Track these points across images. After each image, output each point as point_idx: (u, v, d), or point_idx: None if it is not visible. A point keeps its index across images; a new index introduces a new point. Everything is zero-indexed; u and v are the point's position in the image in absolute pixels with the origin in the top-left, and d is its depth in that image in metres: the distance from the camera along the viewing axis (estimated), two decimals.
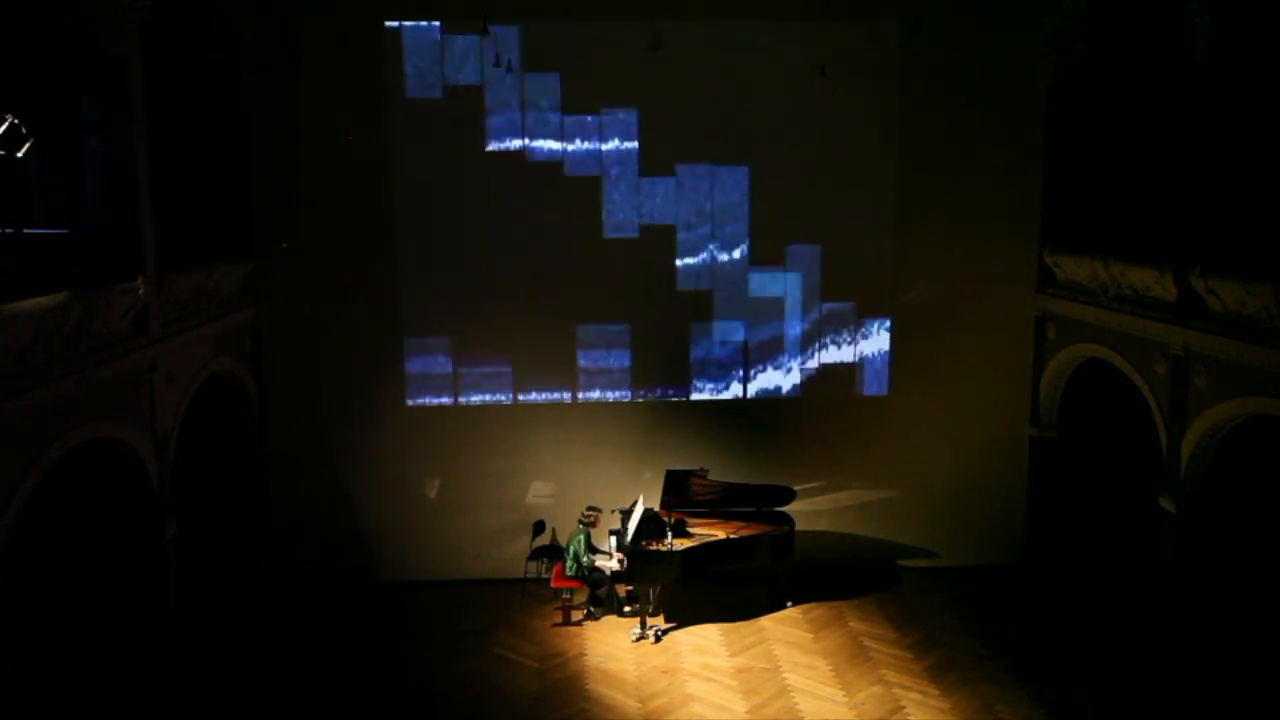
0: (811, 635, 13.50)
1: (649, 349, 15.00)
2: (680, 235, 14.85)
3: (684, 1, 14.37)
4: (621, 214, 14.75)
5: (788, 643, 13.29)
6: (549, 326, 14.83)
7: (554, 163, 14.61)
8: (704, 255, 14.92)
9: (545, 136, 14.57)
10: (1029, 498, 15.20)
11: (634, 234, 14.77)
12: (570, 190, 14.64)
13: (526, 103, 14.46)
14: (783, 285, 15.04)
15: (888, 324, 15.14)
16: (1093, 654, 12.96)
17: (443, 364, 14.85)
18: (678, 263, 14.88)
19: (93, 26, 10.70)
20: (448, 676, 12.42)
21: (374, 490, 14.91)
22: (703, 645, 13.24)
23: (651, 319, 14.95)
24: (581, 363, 14.97)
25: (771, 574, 14.28)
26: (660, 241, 14.82)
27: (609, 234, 14.76)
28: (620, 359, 15.00)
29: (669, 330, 15.00)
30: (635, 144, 14.59)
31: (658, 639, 13.33)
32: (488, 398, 14.94)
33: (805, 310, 15.09)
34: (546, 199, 14.64)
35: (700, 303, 14.97)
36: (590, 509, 14.02)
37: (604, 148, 14.61)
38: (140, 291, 10.84)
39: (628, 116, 14.56)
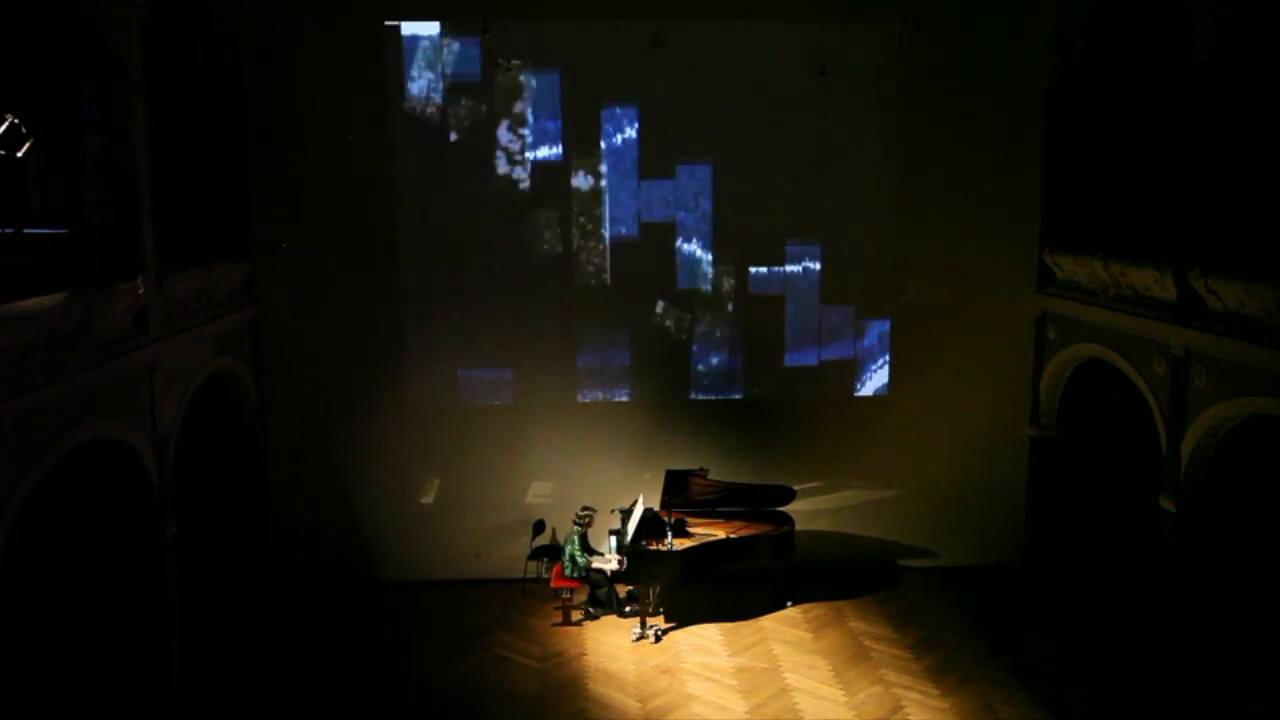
0: (811, 635, 13.50)
1: (649, 348, 15.00)
2: (680, 235, 14.86)
3: (684, 1, 14.36)
4: (622, 213, 14.74)
5: (788, 643, 13.29)
6: (550, 324, 14.83)
7: (554, 163, 14.61)
8: (704, 255, 14.91)
9: (545, 136, 14.56)
10: (1029, 498, 15.20)
11: (634, 232, 14.78)
12: (570, 188, 14.63)
13: (525, 102, 14.47)
14: (782, 284, 15.03)
15: (888, 324, 15.14)
16: (1093, 654, 12.96)
17: (443, 363, 14.84)
18: (677, 260, 14.89)
19: (93, 26, 10.70)
20: (448, 676, 12.42)
21: (374, 490, 14.91)
22: (703, 645, 13.24)
23: (651, 317, 14.96)
24: (581, 364, 14.97)
25: (771, 574, 14.28)
26: (660, 240, 14.82)
27: (609, 232, 14.76)
28: (620, 358, 15.00)
29: (669, 328, 15.00)
30: (635, 144, 14.59)
31: (658, 639, 13.33)
32: (487, 398, 14.92)
33: (804, 309, 15.09)
34: (547, 197, 14.64)
35: (700, 302, 14.98)
36: (585, 509, 14.01)
37: (604, 147, 14.63)
38: (140, 291, 10.84)
39: (627, 114, 14.55)
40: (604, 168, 14.64)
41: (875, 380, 15.23)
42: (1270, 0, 11.28)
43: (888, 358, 15.20)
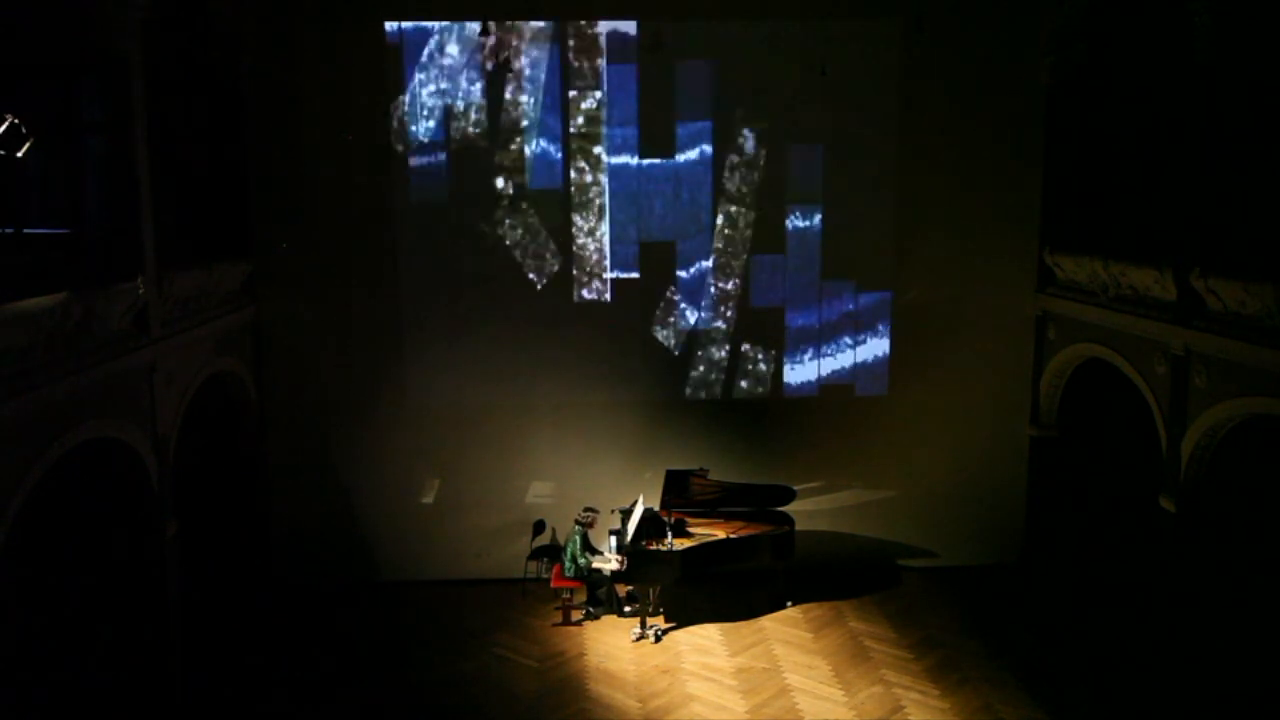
0: (811, 635, 13.50)
1: (649, 348, 15.00)
2: (680, 233, 14.85)
3: (684, 1, 14.37)
4: (622, 211, 14.74)
5: (788, 643, 13.29)
6: (550, 323, 14.83)
7: (554, 161, 14.60)
8: (704, 256, 14.91)
9: (546, 135, 14.56)
10: (1029, 498, 15.20)
11: (634, 230, 14.79)
12: (571, 183, 14.65)
13: (526, 104, 14.47)
14: (782, 285, 15.04)
15: (887, 324, 15.14)
16: (1093, 654, 12.96)
17: (443, 363, 14.84)
18: (678, 257, 14.89)
19: (93, 26, 10.70)
20: (448, 676, 12.42)
21: (374, 490, 14.91)
22: (703, 645, 13.24)
23: (652, 316, 14.96)
24: (581, 364, 14.96)
25: (772, 574, 14.29)
26: (660, 238, 14.83)
27: (609, 229, 14.76)
28: (620, 358, 14.99)
29: (669, 327, 15.01)
30: (634, 141, 14.62)
31: (658, 639, 13.33)
32: (487, 397, 14.92)
33: (804, 310, 15.09)
34: (549, 197, 14.63)
35: (700, 301, 14.97)
36: (587, 509, 14.01)
37: (608, 159, 14.65)
38: (140, 291, 10.85)
39: (628, 113, 14.57)
40: (604, 164, 14.64)
41: (875, 380, 15.20)
42: (1270, 0, 11.29)
43: (888, 357, 15.18)
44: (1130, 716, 11.70)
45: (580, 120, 14.52)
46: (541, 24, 14.29)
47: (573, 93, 14.46)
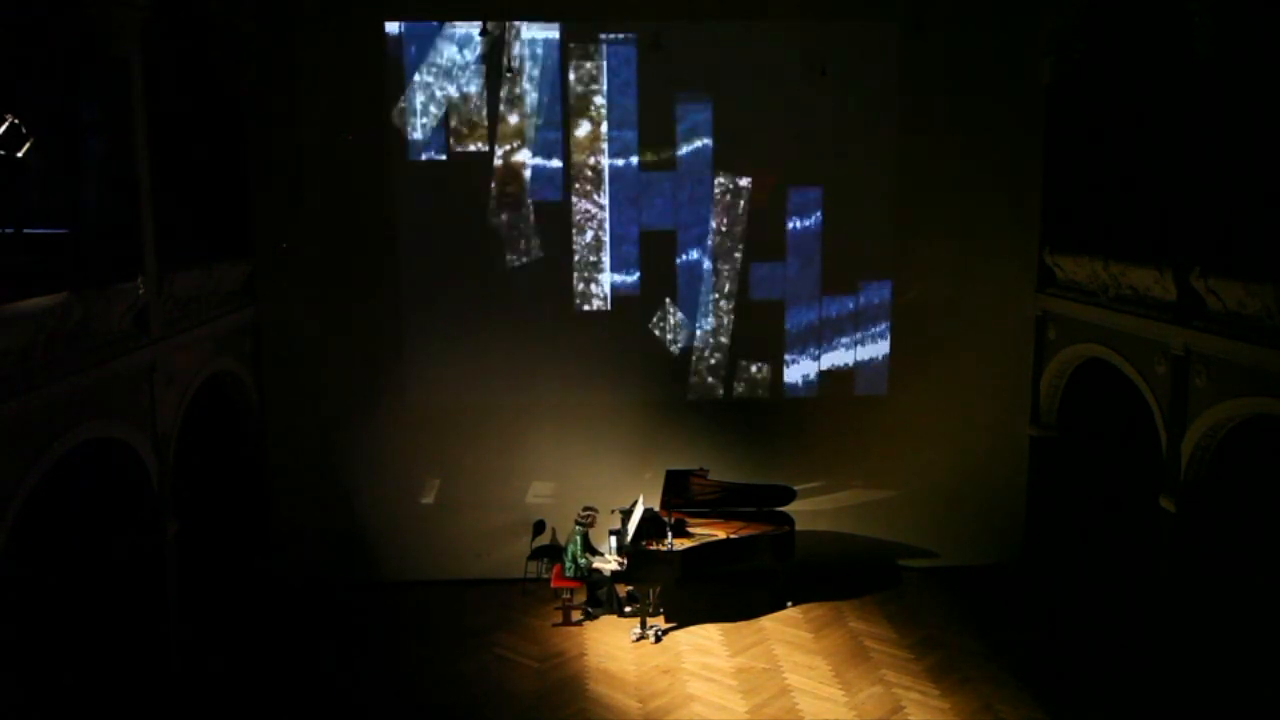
0: (811, 635, 13.50)
1: (649, 348, 15.01)
2: (680, 236, 14.86)
3: (684, 1, 14.37)
4: (622, 213, 14.75)
5: (788, 643, 13.29)
6: (550, 323, 14.83)
7: (555, 160, 14.61)
8: (703, 256, 14.91)
9: (547, 135, 14.56)
10: (1029, 498, 15.20)
11: (635, 227, 14.79)
12: (570, 191, 14.65)
13: (526, 103, 14.48)
14: (781, 285, 15.04)
15: (887, 324, 15.14)
16: (1093, 654, 12.96)
17: (443, 362, 14.84)
18: (678, 255, 14.90)
19: (93, 26, 10.70)
20: (448, 676, 12.42)
21: (374, 490, 14.91)
22: (703, 645, 13.24)
23: (651, 316, 14.96)
24: (581, 364, 14.95)
25: (772, 574, 14.29)
26: (661, 242, 14.84)
27: (609, 228, 14.77)
28: (620, 358, 14.99)
29: (669, 328, 15.01)
30: (634, 142, 14.62)
31: (658, 639, 13.33)
32: (488, 397, 14.92)
33: (804, 310, 15.09)
34: (548, 196, 14.63)
35: (700, 301, 14.97)
36: (587, 509, 14.01)
37: (608, 159, 14.64)
38: (140, 291, 10.85)
39: (628, 112, 14.56)
40: (604, 163, 14.64)
41: (874, 380, 15.20)
42: (1270, 0, 11.29)
43: (887, 357, 15.19)
44: (1130, 716, 11.71)
45: (580, 120, 14.55)
46: (541, 24, 14.32)
47: (572, 92, 14.49)
